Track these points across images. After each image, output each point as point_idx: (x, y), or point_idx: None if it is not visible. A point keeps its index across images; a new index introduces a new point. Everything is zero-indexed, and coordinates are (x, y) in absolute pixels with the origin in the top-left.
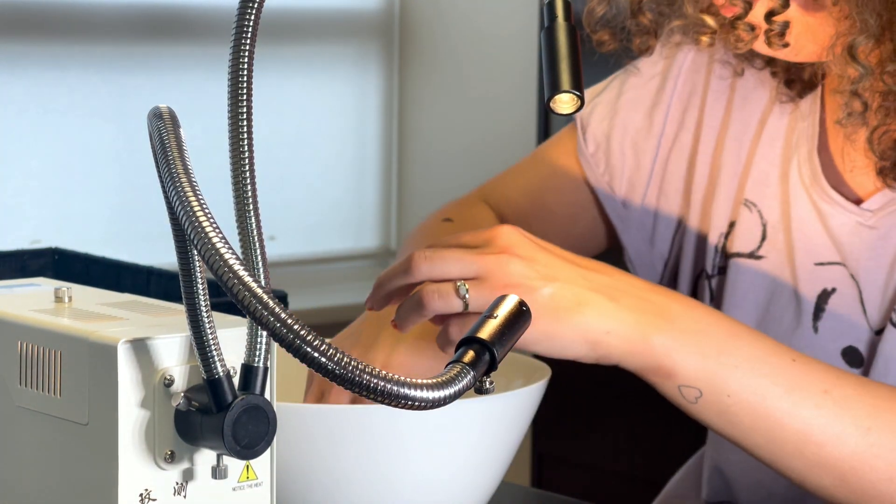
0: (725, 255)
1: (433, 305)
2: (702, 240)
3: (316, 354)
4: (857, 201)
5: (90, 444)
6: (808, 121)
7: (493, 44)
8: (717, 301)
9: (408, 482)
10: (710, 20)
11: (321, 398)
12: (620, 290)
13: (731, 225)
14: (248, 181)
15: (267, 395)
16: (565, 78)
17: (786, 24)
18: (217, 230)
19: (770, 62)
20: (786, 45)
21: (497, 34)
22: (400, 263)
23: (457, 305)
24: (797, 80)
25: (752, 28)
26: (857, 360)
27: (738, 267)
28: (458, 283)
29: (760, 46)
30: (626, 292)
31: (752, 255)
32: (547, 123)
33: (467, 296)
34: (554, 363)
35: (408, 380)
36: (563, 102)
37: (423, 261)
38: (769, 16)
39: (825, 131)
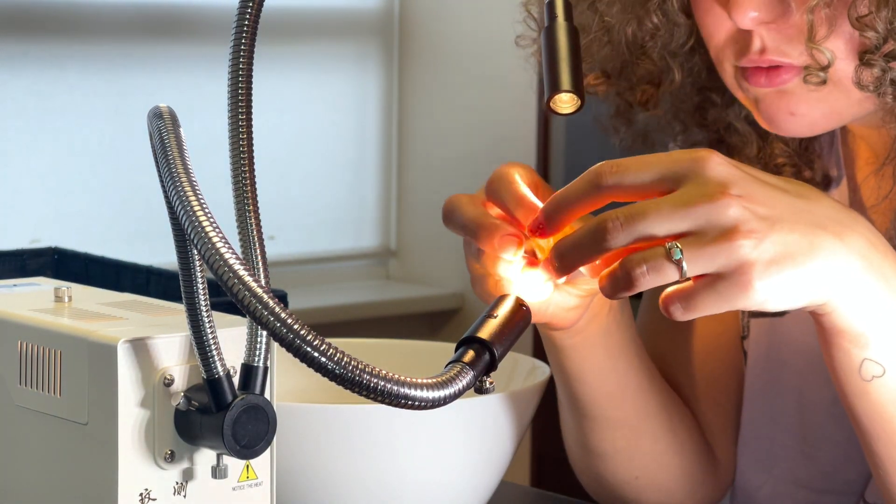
0: (750, 314)
1: (644, 282)
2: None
3: (316, 354)
4: None
5: (90, 444)
6: None
7: (493, 43)
8: (747, 364)
9: (407, 482)
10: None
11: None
12: (844, 225)
13: None
14: (248, 181)
15: (267, 395)
16: (565, 78)
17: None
18: (217, 230)
19: (777, 170)
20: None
21: (497, 34)
22: (585, 229)
23: (672, 276)
24: (810, 182)
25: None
26: None
27: (761, 326)
28: (669, 245)
29: (779, 120)
30: (850, 227)
31: (775, 313)
32: (546, 123)
33: (685, 265)
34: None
35: (408, 379)
36: (563, 102)
37: (616, 226)
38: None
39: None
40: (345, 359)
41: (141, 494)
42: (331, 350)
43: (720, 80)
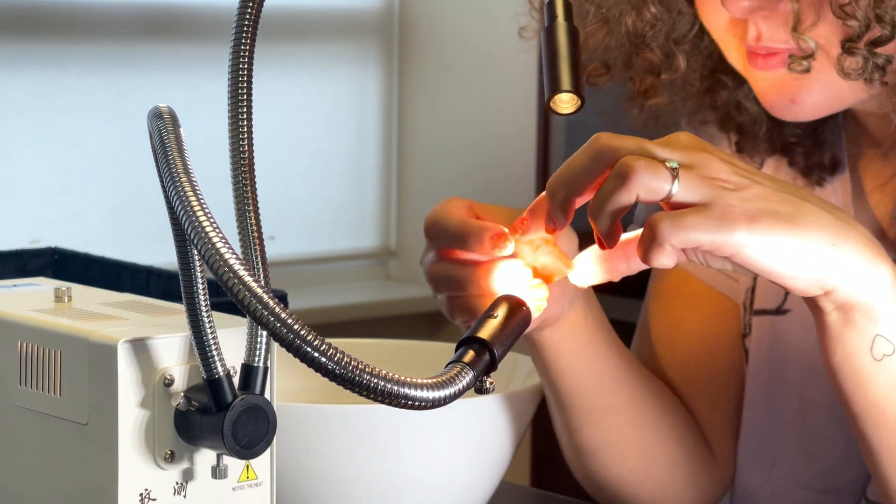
0: (752, 312)
1: (640, 178)
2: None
3: (316, 354)
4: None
5: (90, 444)
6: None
7: (493, 43)
8: (748, 363)
9: (408, 482)
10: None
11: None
12: (828, 203)
13: (756, 278)
14: (248, 181)
15: (267, 395)
16: (565, 78)
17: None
18: (217, 230)
19: (786, 151)
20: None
21: (497, 34)
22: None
23: (665, 181)
24: (816, 168)
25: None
26: None
27: (763, 324)
28: (665, 158)
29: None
30: (834, 207)
31: (778, 311)
32: (546, 123)
33: (678, 180)
34: None
35: (408, 379)
36: (563, 102)
37: (612, 137)
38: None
39: (864, 206)
40: (345, 359)
41: (141, 494)
42: (331, 350)
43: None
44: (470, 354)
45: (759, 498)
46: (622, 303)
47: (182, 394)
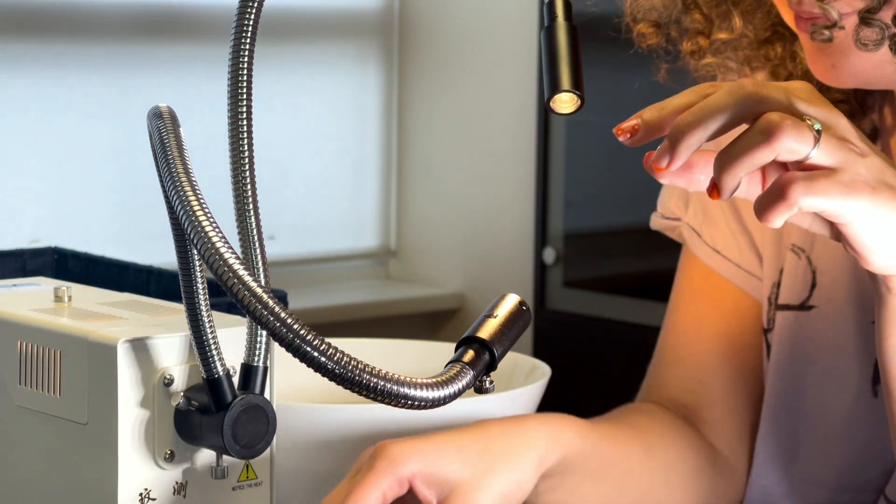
0: (776, 307)
1: (785, 140)
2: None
3: (316, 354)
4: None
5: (90, 444)
6: None
7: (493, 43)
8: (769, 358)
9: None
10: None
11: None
12: None
13: (781, 272)
14: (248, 181)
15: (267, 395)
16: (565, 78)
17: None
18: (217, 230)
19: None
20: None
21: (497, 34)
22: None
23: (807, 141)
24: None
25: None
26: None
27: (786, 319)
28: (808, 119)
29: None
30: None
31: (802, 307)
32: (547, 123)
33: (820, 142)
34: (552, 364)
35: (408, 379)
36: (563, 102)
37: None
38: None
39: None
40: (345, 359)
41: (141, 494)
42: (331, 350)
43: None
44: (470, 354)
45: (775, 496)
46: (622, 303)
47: (182, 394)
